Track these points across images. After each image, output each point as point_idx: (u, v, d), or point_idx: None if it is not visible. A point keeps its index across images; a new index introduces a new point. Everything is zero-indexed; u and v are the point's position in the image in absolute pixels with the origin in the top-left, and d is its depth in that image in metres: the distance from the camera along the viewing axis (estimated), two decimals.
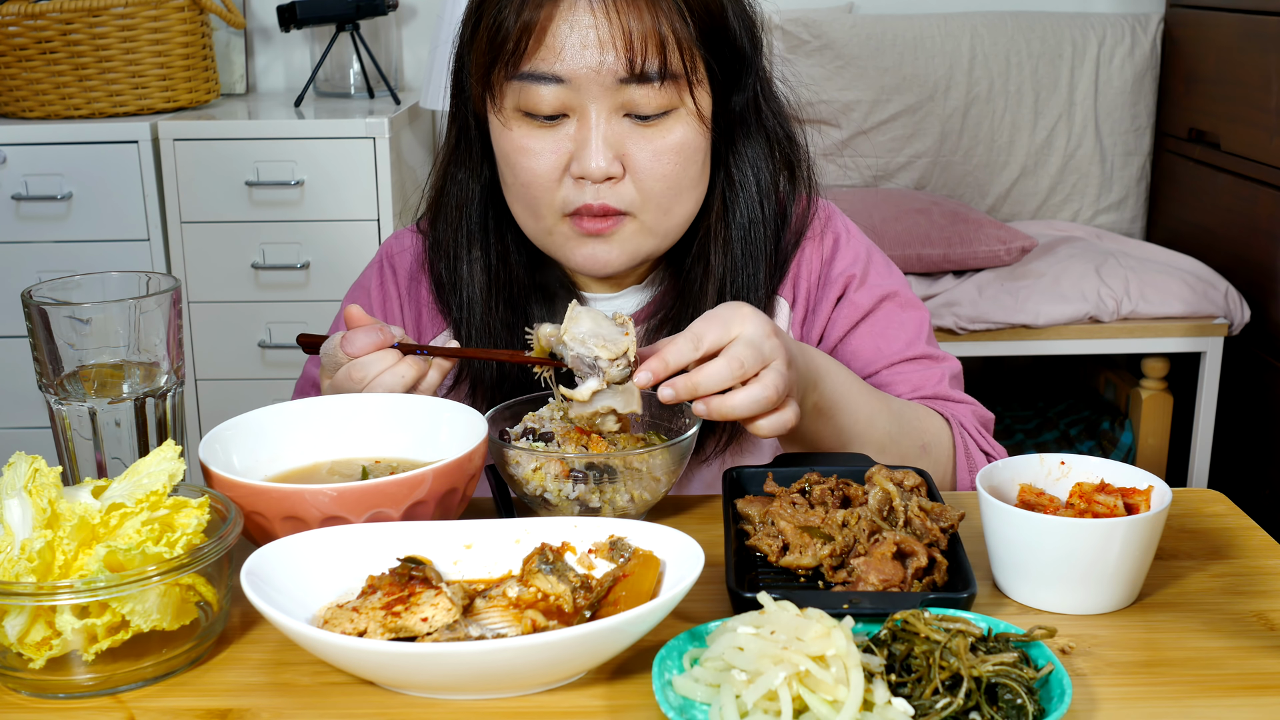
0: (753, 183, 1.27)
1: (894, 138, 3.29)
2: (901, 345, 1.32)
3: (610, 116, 1.17)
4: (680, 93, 1.18)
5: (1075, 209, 3.38)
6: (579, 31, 1.14)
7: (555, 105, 1.17)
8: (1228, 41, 2.99)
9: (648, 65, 1.15)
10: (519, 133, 1.19)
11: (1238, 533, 1.08)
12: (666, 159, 1.19)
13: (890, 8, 3.37)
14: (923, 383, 1.31)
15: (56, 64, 2.75)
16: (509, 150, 1.21)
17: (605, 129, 1.17)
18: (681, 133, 1.19)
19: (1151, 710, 0.82)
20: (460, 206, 1.29)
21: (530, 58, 1.16)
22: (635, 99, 1.17)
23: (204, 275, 2.78)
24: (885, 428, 1.21)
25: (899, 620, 0.83)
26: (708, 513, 1.14)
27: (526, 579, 0.90)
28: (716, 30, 1.19)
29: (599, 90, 1.16)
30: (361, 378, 1.11)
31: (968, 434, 1.29)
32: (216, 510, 0.92)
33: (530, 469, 1.04)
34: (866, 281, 1.32)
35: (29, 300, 1.01)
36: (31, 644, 0.83)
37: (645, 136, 1.18)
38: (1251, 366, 2.92)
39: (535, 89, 1.16)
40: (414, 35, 3.37)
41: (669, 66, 1.16)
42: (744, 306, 1.06)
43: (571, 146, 1.18)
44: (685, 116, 1.19)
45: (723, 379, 1.02)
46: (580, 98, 1.16)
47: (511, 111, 1.19)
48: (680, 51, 1.16)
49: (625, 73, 1.15)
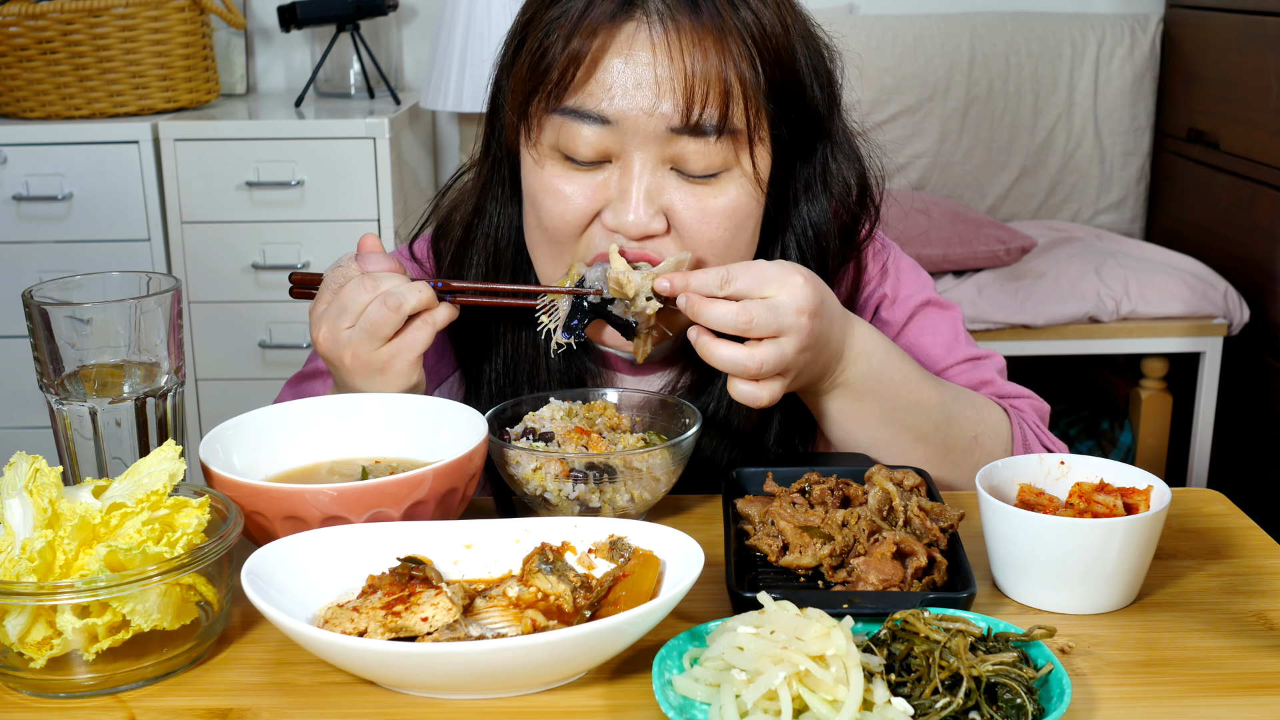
0: (811, 245, 1.18)
1: (894, 138, 3.29)
2: (941, 352, 1.29)
3: (656, 168, 1.07)
4: (738, 150, 1.08)
5: (1075, 209, 3.38)
6: (634, 68, 1.04)
7: (597, 148, 1.07)
8: (1227, 42, 2.99)
9: (705, 116, 1.04)
10: (551, 172, 1.10)
11: (1237, 532, 1.08)
12: (715, 222, 1.09)
13: (890, 8, 3.37)
14: (970, 385, 1.27)
15: (57, 64, 2.75)
16: (537, 190, 1.11)
17: (649, 181, 1.07)
18: (735, 194, 1.09)
19: (1151, 710, 0.82)
20: (488, 247, 1.21)
21: (576, 91, 1.06)
22: (686, 153, 1.07)
23: (204, 275, 2.78)
24: (931, 418, 1.16)
25: (899, 620, 0.83)
26: (708, 513, 1.14)
27: (526, 579, 0.90)
28: (788, 83, 1.09)
29: (646, 137, 1.06)
30: (374, 285, 1.05)
31: (1027, 426, 1.25)
32: (217, 510, 0.92)
33: (530, 469, 1.05)
34: (898, 297, 1.29)
35: (30, 300, 1.01)
36: (32, 643, 0.84)
37: (694, 194, 1.08)
38: (1251, 366, 2.92)
39: (577, 127, 1.07)
40: (414, 35, 3.37)
41: (730, 120, 1.05)
42: (798, 273, 1.02)
43: (609, 194, 1.09)
44: (739, 177, 1.09)
45: (723, 323, 1.00)
46: (625, 142, 1.07)
47: (548, 149, 1.10)
48: (745, 103, 1.06)
49: (679, 122, 1.05)
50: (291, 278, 1.15)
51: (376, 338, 1.06)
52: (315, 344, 1.09)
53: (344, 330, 1.06)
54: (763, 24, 1.07)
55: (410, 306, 1.05)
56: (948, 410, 1.18)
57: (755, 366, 1.01)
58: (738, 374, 1.03)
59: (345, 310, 1.06)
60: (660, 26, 1.05)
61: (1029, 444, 1.24)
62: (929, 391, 1.17)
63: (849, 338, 1.11)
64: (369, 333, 1.05)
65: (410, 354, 1.07)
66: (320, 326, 1.08)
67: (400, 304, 1.04)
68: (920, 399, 1.16)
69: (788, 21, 1.11)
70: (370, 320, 1.05)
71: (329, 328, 1.07)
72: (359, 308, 1.05)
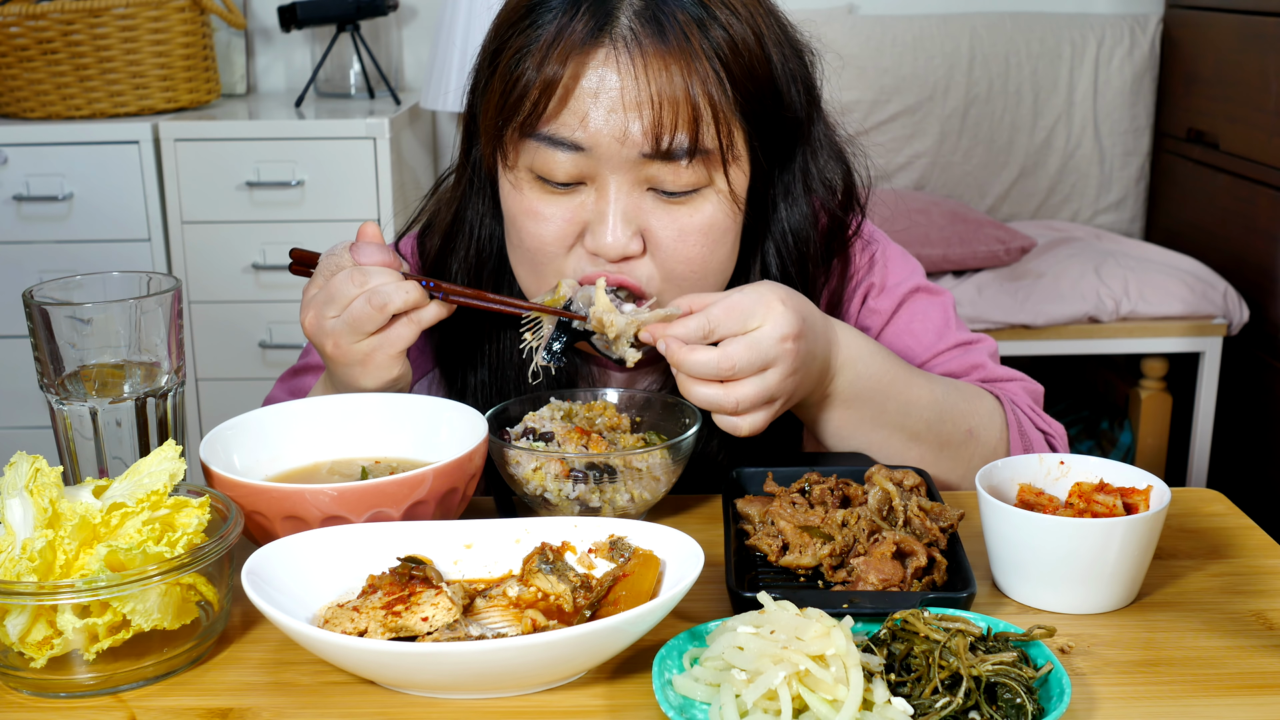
0: (792, 252, 1.19)
1: (894, 138, 3.29)
2: (932, 339, 1.28)
3: (631, 190, 1.08)
4: (711, 170, 1.08)
5: (1074, 209, 3.38)
6: (605, 95, 1.05)
7: (572, 173, 1.08)
8: (1226, 42, 2.99)
9: (675, 143, 1.05)
10: (530, 196, 1.10)
11: (1237, 532, 1.08)
12: (692, 240, 1.09)
13: (890, 8, 3.37)
14: (961, 370, 1.27)
15: (57, 64, 2.75)
16: (517, 213, 1.12)
17: (625, 203, 1.08)
18: (710, 212, 1.10)
19: (1150, 709, 0.82)
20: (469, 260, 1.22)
21: (550, 120, 1.07)
22: (660, 176, 1.07)
23: (204, 275, 2.78)
24: (923, 415, 1.16)
25: (898, 620, 0.83)
26: (708, 513, 1.14)
27: (526, 579, 0.90)
28: (761, 97, 1.09)
29: (620, 162, 1.07)
30: (362, 280, 1.05)
31: (1020, 411, 1.25)
32: (217, 510, 0.92)
33: (530, 469, 1.05)
34: (886, 285, 1.29)
35: (30, 300, 1.01)
36: (33, 643, 0.84)
37: (669, 213, 1.09)
38: (1250, 366, 2.92)
39: (551, 153, 1.07)
40: (414, 35, 3.37)
41: (700, 143, 1.06)
42: (776, 294, 1.03)
43: (586, 217, 1.10)
44: (714, 196, 1.10)
45: (705, 371, 1.01)
46: (599, 167, 1.07)
47: (524, 172, 1.10)
48: (716, 124, 1.06)
49: (650, 148, 1.05)
50: (291, 254, 1.16)
51: (359, 332, 1.06)
52: (302, 326, 1.10)
53: (329, 319, 1.07)
54: (734, 40, 1.07)
55: (394, 307, 1.05)
56: (939, 406, 1.18)
57: (732, 405, 1.03)
58: (715, 410, 1.04)
59: (332, 300, 1.07)
60: (628, 53, 1.05)
61: (1024, 429, 1.23)
62: (919, 389, 1.16)
63: (834, 347, 1.11)
64: (351, 326, 1.06)
65: (391, 349, 1.08)
66: (308, 311, 1.09)
67: (385, 304, 1.05)
68: (910, 398, 1.16)
69: (761, 30, 1.10)
70: (354, 314, 1.06)
71: (315, 314, 1.08)
72: (345, 300, 1.06)
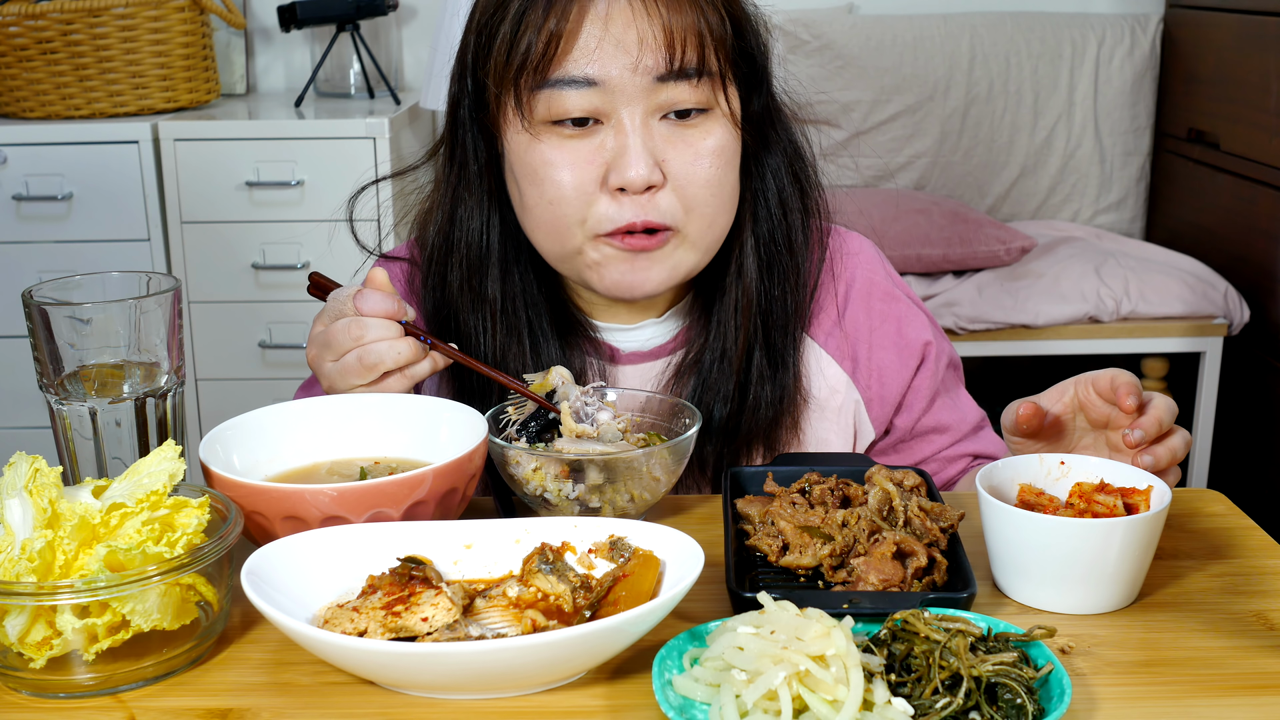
0: (774, 195, 1.25)
1: (894, 138, 3.29)
2: (960, 430, 1.34)
3: (646, 120, 1.14)
4: (715, 92, 1.15)
5: (1075, 209, 3.38)
6: (613, 31, 1.11)
7: (587, 109, 1.13)
8: (1227, 42, 2.99)
9: (687, 60, 1.12)
10: (549, 144, 1.14)
11: (1237, 532, 1.08)
12: (707, 162, 1.15)
13: (890, 8, 3.37)
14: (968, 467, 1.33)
15: (57, 64, 2.75)
16: (538, 165, 1.15)
17: (644, 134, 1.13)
18: (719, 135, 1.16)
19: (1151, 710, 0.82)
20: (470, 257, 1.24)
21: (560, 63, 1.12)
22: (674, 96, 1.13)
23: (204, 275, 2.78)
24: None
25: (899, 620, 0.83)
26: (708, 513, 1.14)
27: (526, 579, 0.90)
28: (743, 32, 1.18)
29: (634, 92, 1.12)
30: (359, 335, 1.09)
31: None
32: (217, 510, 0.92)
33: (530, 469, 1.05)
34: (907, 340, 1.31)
35: (29, 300, 1.01)
36: (32, 644, 0.84)
37: (684, 139, 1.15)
38: (1251, 366, 2.92)
39: (564, 94, 1.12)
40: (414, 35, 3.37)
41: (706, 64, 1.14)
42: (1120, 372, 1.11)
43: (606, 157, 1.14)
44: (720, 118, 1.17)
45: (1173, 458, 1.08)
46: (614, 102, 1.13)
47: (540, 123, 1.14)
48: (716, 48, 1.14)
49: (664, 69, 1.12)
50: (311, 277, 1.19)
51: (352, 381, 1.11)
52: (307, 357, 1.16)
53: (326, 363, 1.13)
54: None
55: (386, 368, 1.10)
56: None
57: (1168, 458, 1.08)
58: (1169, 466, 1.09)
59: (329, 346, 1.12)
60: None
61: None
62: None
63: None
64: (345, 375, 1.11)
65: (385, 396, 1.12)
66: (311, 347, 1.15)
67: (376, 364, 1.09)
68: None
69: None
70: (347, 367, 1.11)
71: (316, 352, 1.14)
72: (340, 350, 1.11)
